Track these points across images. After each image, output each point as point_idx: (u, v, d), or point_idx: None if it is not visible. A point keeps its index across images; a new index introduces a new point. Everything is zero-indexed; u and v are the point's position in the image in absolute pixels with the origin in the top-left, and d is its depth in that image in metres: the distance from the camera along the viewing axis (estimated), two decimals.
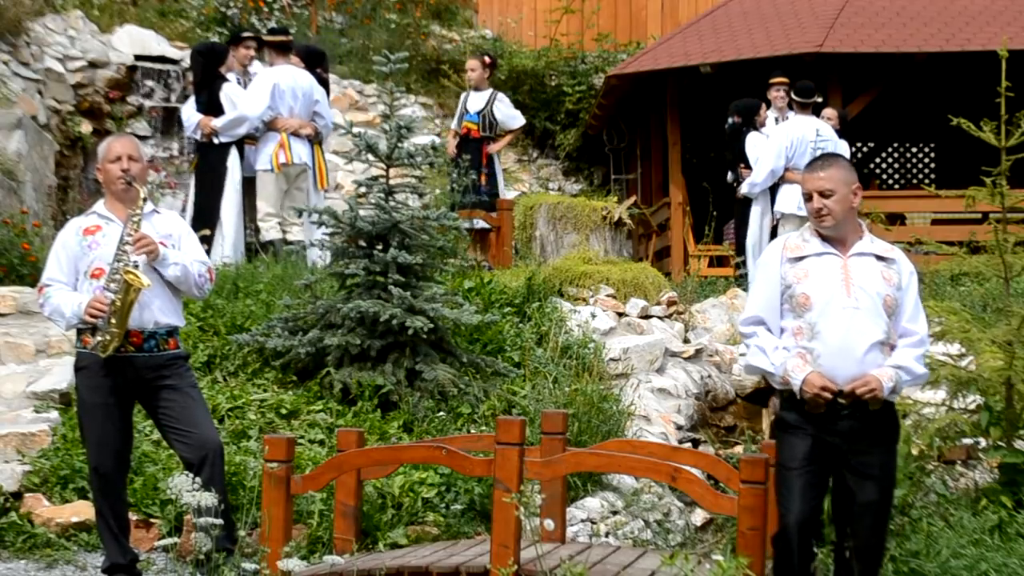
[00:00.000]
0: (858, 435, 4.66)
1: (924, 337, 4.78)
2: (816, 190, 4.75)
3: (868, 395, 4.60)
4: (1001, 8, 13.40)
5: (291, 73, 10.00)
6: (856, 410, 4.65)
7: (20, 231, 9.65)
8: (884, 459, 4.72)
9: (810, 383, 4.62)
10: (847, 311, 4.66)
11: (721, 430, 8.67)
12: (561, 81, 15.67)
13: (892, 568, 5.35)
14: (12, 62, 12.41)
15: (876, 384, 4.60)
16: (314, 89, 10.05)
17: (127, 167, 5.46)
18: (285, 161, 9.81)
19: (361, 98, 14.90)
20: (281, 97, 9.87)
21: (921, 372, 4.75)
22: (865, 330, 4.66)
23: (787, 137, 10.69)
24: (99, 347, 5.33)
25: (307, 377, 7.45)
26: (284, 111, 9.89)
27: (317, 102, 10.05)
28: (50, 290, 5.48)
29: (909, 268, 4.80)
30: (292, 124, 9.86)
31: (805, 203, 4.84)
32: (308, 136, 9.94)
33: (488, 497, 5.88)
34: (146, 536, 6.12)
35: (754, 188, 10.89)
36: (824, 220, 4.75)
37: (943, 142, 16.30)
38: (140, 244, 5.35)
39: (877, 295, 4.69)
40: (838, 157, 4.97)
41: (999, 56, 6.48)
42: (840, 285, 4.70)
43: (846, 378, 4.64)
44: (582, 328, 8.46)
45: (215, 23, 15.43)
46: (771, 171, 10.70)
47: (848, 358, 4.64)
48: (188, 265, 5.48)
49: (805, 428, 4.69)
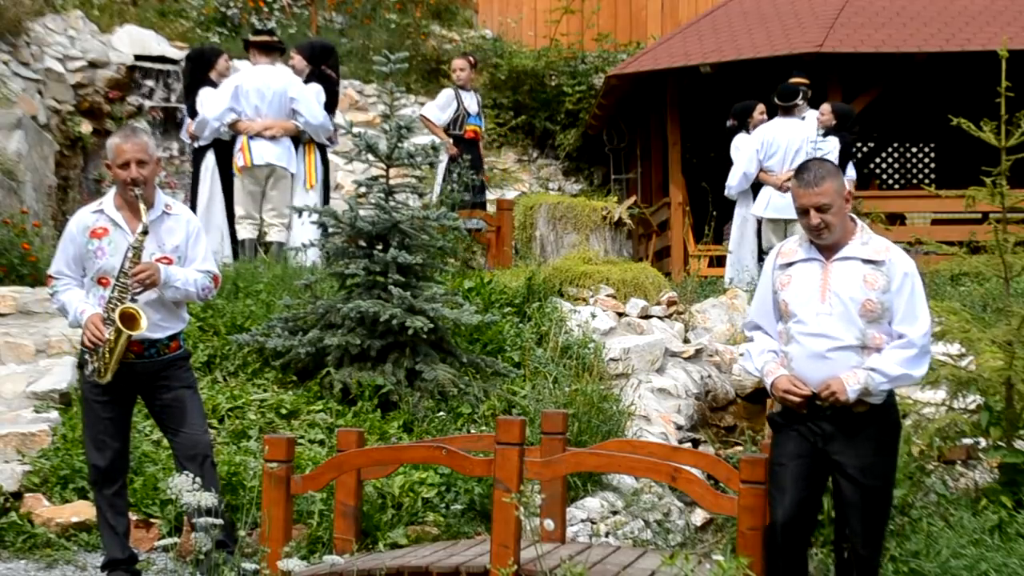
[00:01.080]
0: (838, 437, 4.68)
1: (914, 340, 4.66)
2: (813, 206, 4.70)
3: (831, 399, 4.63)
4: (1001, 8, 13.40)
5: (261, 73, 9.79)
6: (836, 412, 4.67)
7: (20, 231, 9.65)
8: (868, 461, 4.68)
9: (776, 386, 4.76)
10: (820, 317, 4.70)
11: (721, 430, 8.67)
12: (561, 81, 15.67)
13: (892, 568, 5.36)
14: (12, 62, 12.42)
15: (838, 387, 4.62)
16: (289, 88, 9.77)
17: (136, 175, 5.35)
18: (243, 163, 9.64)
19: (361, 98, 14.90)
20: (246, 97, 9.68)
21: (898, 374, 4.64)
22: (835, 335, 4.67)
23: (758, 140, 10.81)
24: (94, 375, 5.36)
25: (307, 377, 7.45)
26: (249, 112, 9.69)
27: (293, 100, 9.75)
28: (58, 284, 5.48)
29: (904, 270, 4.72)
30: (253, 127, 9.64)
31: (800, 218, 4.78)
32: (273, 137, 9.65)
33: (488, 497, 5.88)
34: (146, 536, 6.13)
35: (729, 191, 11.15)
36: (823, 235, 4.74)
37: (943, 142, 16.30)
38: (139, 278, 5.28)
39: (852, 300, 4.68)
40: (825, 165, 4.85)
41: (999, 56, 6.48)
42: (816, 292, 4.73)
43: (817, 381, 4.68)
44: (582, 328, 8.46)
45: (215, 23, 15.44)
46: (743, 174, 10.90)
47: (817, 362, 4.69)
48: (190, 285, 5.44)
49: (793, 427, 4.75)
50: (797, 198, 4.76)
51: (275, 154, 9.67)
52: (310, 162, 9.91)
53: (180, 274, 5.43)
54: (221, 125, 9.73)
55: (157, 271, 5.32)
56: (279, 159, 9.69)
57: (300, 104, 9.78)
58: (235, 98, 9.70)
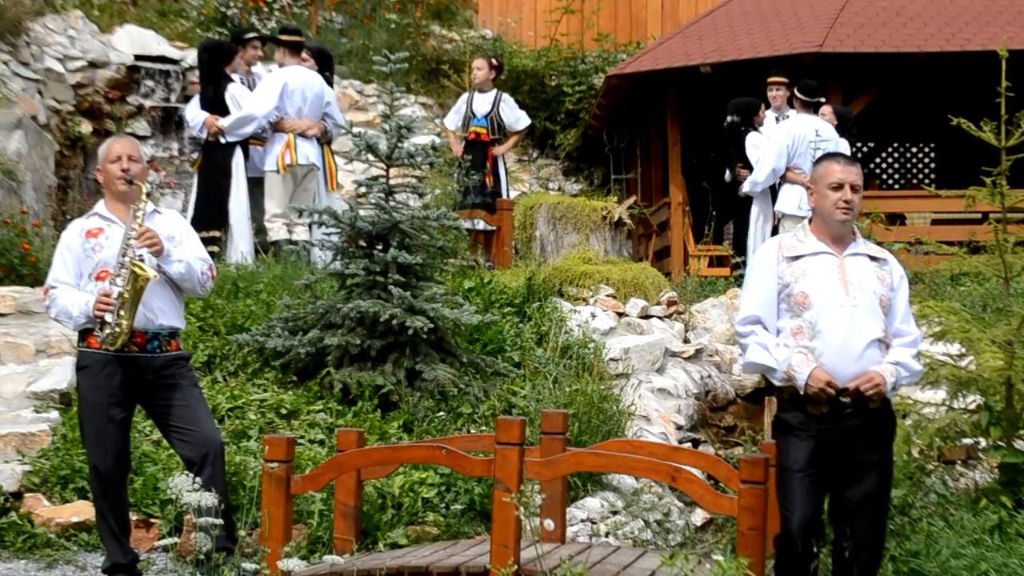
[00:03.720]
0: (860, 433, 4.68)
1: (917, 337, 4.84)
2: (851, 182, 4.77)
3: (873, 391, 4.63)
4: (1001, 8, 13.40)
5: (301, 74, 9.96)
6: (858, 408, 4.67)
7: (20, 231, 9.65)
8: (883, 456, 4.76)
9: (816, 378, 4.62)
10: (846, 309, 4.69)
11: (721, 430, 8.67)
12: (561, 81, 15.66)
13: (892, 568, 5.35)
14: (12, 62, 12.42)
15: (880, 380, 4.63)
16: (324, 90, 10.01)
17: (127, 167, 5.49)
18: (291, 162, 9.77)
19: (361, 98, 14.90)
20: (290, 97, 9.84)
21: (917, 369, 4.81)
22: (864, 328, 4.68)
23: (789, 136, 10.66)
24: (108, 340, 5.34)
25: (307, 377, 7.45)
26: (292, 111, 9.85)
27: (328, 103, 10.00)
28: (56, 292, 5.50)
29: (900, 271, 4.86)
30: (299, 125, 9.82)
31: (832, 194, 4.78)
32: (315, 137, 9.89)
33: (488, 497, 5.88)
34: (146, 536, 6.13)
35: (756, 187, 10.88)
36: (848, 214, 4.78)
37: (943, 142, 16.29)
38: (144, 237, 5.37)
39: (874, 293, 4.73)
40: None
41: (999, 56, 6.48)
42: (838, 284, 4.72)
43: (847, 376, 4.65)
44: (582, 328, 8.46)
45: (215, 23, 15.43)
46: (772, 170, 10.68)
47: (848, 356, 4.66)
48: (191, 262, 5.51)
49: (807, 429, 4.70)
50: (832, 175, 4.79)
51: (315, 154, 9.89)
52: (331, 164, 10.00)
53: (180, 253, 5.52)
54: (267, 123, 9.81)
55: (160, 237, 5.41)
56: (317, 159, 9.89)
57: (332, 108, 10.06)
58: (281, 97, 9.80)
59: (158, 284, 5.42)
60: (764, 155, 10.80)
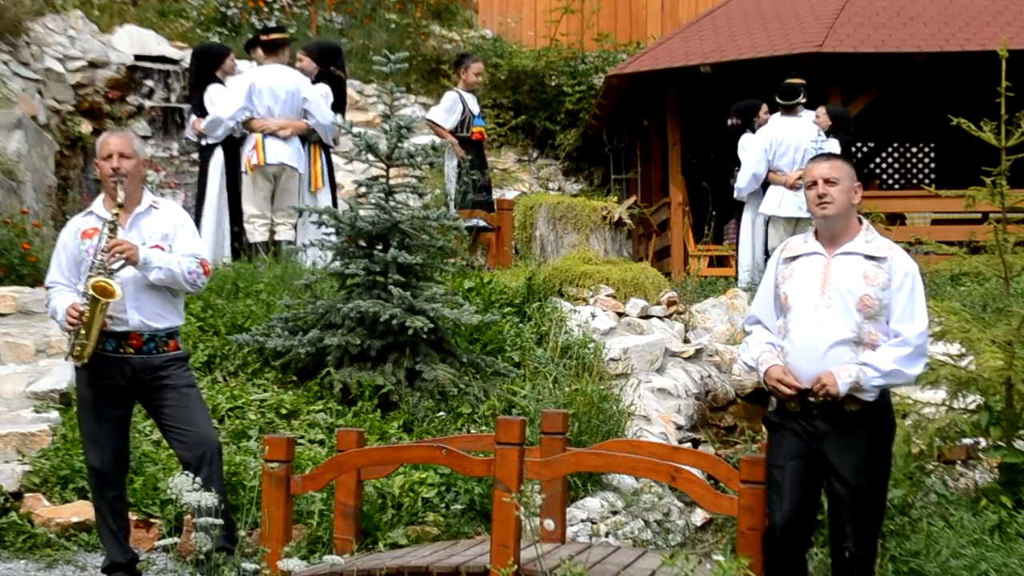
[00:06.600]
0: (831, 436, 4.68)
1: (910, 339, 4.66)
2: (821, 176, 4.78)
3: (821, 392, 4.63)
4: (1001, 8, 13.40)
5: (273, 73, 9.80)
6: (828, 409, 4.67)
7: (20, 231, 9.65)
8: (861, 462, 4.67)
9: (769, 375, 4.75)
10: (818, 310, 4.72)
11: (721, 430, 8.67)
12: (561, 81, 15.66)
13: (892, 568, 5.35)
14: (12, 62, 12.41)
15: (829, 381, 4.62)
16: (301, 88, 9.81)
17: (118, 165, 5.40)
18: (257, 162, 9.61)
19: (361, 98, 14.89)
20: (259, 97, 9.69)
21: (890, 369, 4.62)
22: (831, 328, 4.68)
23: (766, 140, 10.79)
24: (74, 352, 5.31)
25: (307, 377, 7.45)
26: (262, 111, 9.69)
27: (306, 100, 9.79)
28: (52, 291, 5.52)
29: (905, 269, 4.75)
30: (269, 125, 9.64)
31: (807, 191, 4.85)
32: (295, 136, 9.70)
33: (488, 497, 5.88)
34: (146, 536, 6.13)
35: (740, 193, 11.08)
36: (826, 208, 4.77)
37: (943, 142, 16.29)
38: (114, 251, 5.28)
39: (850, 293, 4.70)
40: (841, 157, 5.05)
41: (999, 56, 6.48)
42: (817, 284, 4.75)
43: (810, 375, 4.68)
44: (582, 328, 8.46)
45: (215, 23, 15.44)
46: (753, 175, 10.85)
47: (811, 356, 4.69)
48: (174, 266, 5.42)
49: (785, 425, 4.76)
50: (807, 175, 4.87)
51: (287, 154, 9.68)
52: (316, 164, 9.92)
53: (163, 257, 5.43)
54: (236, 124, 9.74)
55: (133, 247, 5.32)
56: (291, 159, 9.70)
57: (312, 105, 9.82)
58: (248, 97, 9.72)
59: (151, 286, 5.40)
60: (744, 160, 10.96)
